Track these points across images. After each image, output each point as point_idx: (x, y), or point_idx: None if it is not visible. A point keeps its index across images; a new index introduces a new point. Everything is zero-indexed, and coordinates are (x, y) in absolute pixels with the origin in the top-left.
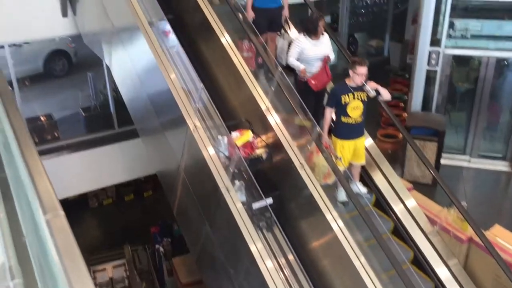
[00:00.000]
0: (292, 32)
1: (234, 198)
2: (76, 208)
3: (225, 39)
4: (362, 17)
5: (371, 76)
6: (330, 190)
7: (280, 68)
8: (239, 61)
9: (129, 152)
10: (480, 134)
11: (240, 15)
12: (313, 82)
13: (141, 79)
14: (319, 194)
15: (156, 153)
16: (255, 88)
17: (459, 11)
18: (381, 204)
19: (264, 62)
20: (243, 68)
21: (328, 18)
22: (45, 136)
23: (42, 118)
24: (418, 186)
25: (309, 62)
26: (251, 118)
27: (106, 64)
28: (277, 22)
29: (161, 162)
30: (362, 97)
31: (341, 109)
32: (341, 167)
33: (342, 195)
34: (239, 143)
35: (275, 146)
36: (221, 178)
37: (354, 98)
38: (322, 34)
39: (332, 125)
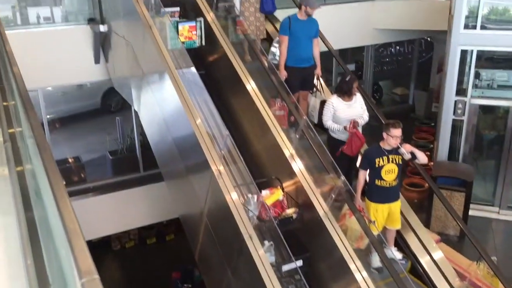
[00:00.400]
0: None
1: (257, 245)
2: (98, 250)
3: (259, 102)
4: (386, 66)
5: None
6: (362, 254)
7: (312, 127)
8: (270, 118)
9: (153, 195)
10: (510, 184)
11: (272, 75)
12: (346, 151)
13: (167, 123)
14: (350, 257)
15: (179, 197)
16: (286, 146)
17: (484, 61)
18: (417, 271)
19: (296, 120)
20: (274, 127)
21: (352, 66)
22: (72, 178)
23: (70, 160)
24: (445, 238)
25: (342, 123)
26: (281, 175)
27: (134, 109)
28: (310, 80)
29: (184, 206)
30: (397, 160)
31: (375, 172)
32: (375, 232)
33: (376, 261)
34: (269, 202)
35: (306, 206)
36: (244, 225)
37: (388, 161)
38: (355, 94)
39: (366, 187)
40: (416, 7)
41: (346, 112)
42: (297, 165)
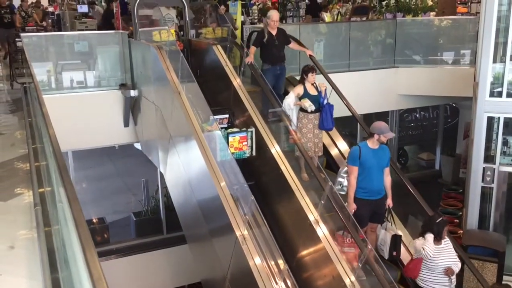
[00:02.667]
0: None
1: None
2: None
3: (322, 233)
4: (411, 130)
5: (422, 190)
6: None
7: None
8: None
9: (175, 258)
10: None
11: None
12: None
13: (192, 185)
14: None
15: (202, 261)
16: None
17: None
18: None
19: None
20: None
21: None
22: (96, 239)
23: (94, 221)
24: None
25: (434, 270)
26: None
27: (160, 170)
28: (381, 213)
29: (206, 270)
30: None
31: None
32: None
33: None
34: None
35: None
36: None
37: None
38: (444, 238)
39: None
40: (440, 73)
41: (440, 257)
42: None
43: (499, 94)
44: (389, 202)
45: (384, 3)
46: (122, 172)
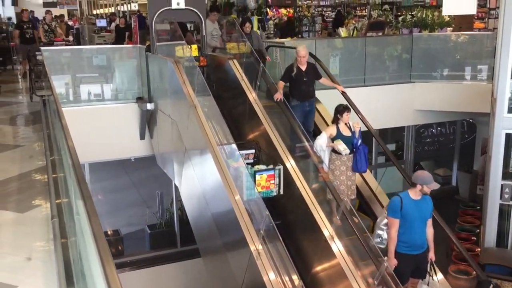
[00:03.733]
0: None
1: None
2: None
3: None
4: (428, 146)
5: (438, 206)
6: None
7: None
8: None
9: (189, 272)
10: None
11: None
12: None
13: (207, 198)
14: None
15: (216, 275)
16: None
17: None
18: None
19: None
20: None
21: (392, 146)
22: (111, 250)
23: (109, 233)
24: None
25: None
26: None
27: (175, 183)
28: (423, 268)
29: (220, 284)
30: None
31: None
32: None
33: None
34: None
35: None
36: None
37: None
38: None
39: None
40: (457, 89)
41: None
42: None
43: None
44: (432, 255)
45: (400, 18)
46: (137, 185)
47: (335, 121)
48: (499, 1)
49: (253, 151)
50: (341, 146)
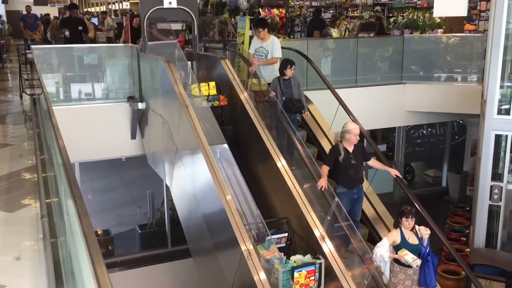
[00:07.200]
0: None
1: None
2: None
3: None
4: (418, 147)
5: (428, 207)
6: None
7: None
8: None
9: (180, 272)
10: None
11: None
12: None
13: (198, 198)
14: None
15: (206, 275)
16: None
17: None
18: None
19: None
20: None
21: (383, 147)
22: (100, 250)
23: (99, 233)
24: None
25: None
26: None
27: (166, 183)
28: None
29: (211, 284)
30: None
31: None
32: None
33: None
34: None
35: None
36: None
37: None
38: None
39: None
40: (447, 90)
41: None
42: None
43: (507, 112)
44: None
45: (391, 19)
46: (128, 184)
47: (397, 225)
48: (490, 3)
49: (285, 234)
50: (408, 257)
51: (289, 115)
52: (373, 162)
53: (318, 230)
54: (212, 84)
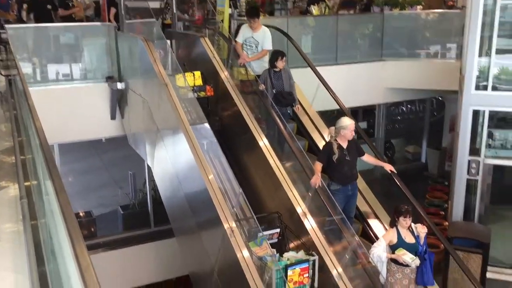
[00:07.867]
0: None
1: None
2: None
3: None
4: (398, 124)
5: (408, 182)
6: None
7: None
8: None
9: (163, 252)
10: None
11: None
12: None
13: (180, 178)
14: None
15: (190, 254)
16: None
17: (497, 121)
18: None
19: None
20: None
21: (364, 124)
22: (83, 232)
23: (81, 214)
24: None
25: None
26: None
27: (147, 164)
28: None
29: (194, 263)
30: None
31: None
32: None
33: None
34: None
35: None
36: (256, 284)
37: None
38: None
39: None
40: (426, 67)
41: None
42: None
43: (485, 88)
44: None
45: None
46: (108, 165)
47: (394, 224)
48: None
49: (277, 230)
50: (406, 256)
51: (279, 108)
52: (367, 158)
53: (309, 223)
54: (198, 74)
